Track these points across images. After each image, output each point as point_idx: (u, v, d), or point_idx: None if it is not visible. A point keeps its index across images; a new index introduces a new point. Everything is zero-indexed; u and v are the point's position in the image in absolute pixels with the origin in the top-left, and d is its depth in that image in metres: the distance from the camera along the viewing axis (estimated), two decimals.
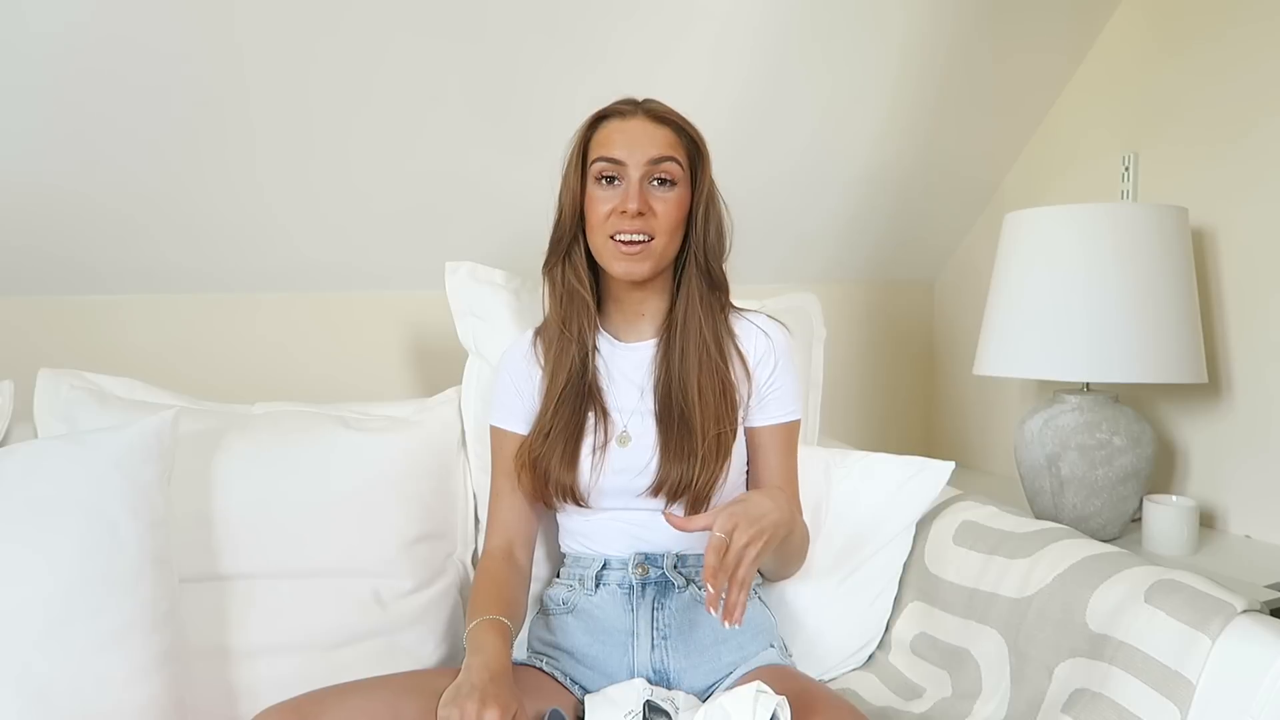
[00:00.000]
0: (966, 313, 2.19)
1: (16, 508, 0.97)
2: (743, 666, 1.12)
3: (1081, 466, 1.60)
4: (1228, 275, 1.71)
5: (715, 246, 1.18)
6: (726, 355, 1.18)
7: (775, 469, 1.21)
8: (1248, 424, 1.68)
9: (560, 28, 1.49)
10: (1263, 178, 1.64)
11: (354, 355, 1.66)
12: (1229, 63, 1.69)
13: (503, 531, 1.20)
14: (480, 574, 1.17)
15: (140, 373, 1.32)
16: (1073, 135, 1.98)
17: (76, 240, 1.40)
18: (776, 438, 1.21)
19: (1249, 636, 0.96)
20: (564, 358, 1.17)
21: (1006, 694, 1.15)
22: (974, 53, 1.86)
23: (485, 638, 1.03)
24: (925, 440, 2.35)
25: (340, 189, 1.52)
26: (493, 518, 1.23)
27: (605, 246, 1.13)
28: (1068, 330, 1.57)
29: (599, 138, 1.14)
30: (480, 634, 1.04)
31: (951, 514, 1.36)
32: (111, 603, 0.97)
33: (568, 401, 1.16)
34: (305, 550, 1.18)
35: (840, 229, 2.07)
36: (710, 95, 1.66)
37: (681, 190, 1.14)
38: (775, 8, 1.62)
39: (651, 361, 1.19)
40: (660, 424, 1.15)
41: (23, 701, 0.90)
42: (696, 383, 1.15)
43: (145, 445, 1.05)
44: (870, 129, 1.90)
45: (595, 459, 1.14)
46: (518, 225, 1.64)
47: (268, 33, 1.31)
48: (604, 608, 1.15)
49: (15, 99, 1.23)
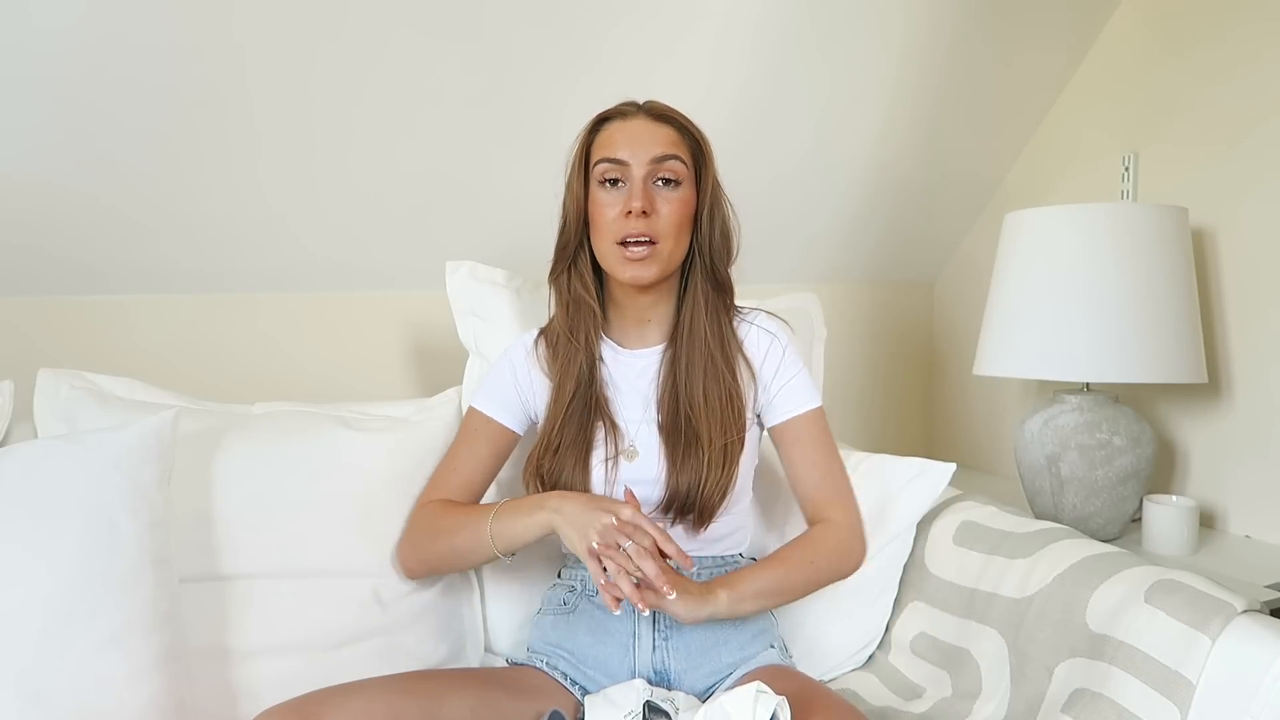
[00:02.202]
0: (966, 313, 2.19)
1: (16, 508, 0.97)
2: (743, 667, 1.12)
3: (1081, 466, 1.60)
4: (1228, 275, 1.71)
5: (721, 248, 1.16)
6: (732, 362, 1.17)
7: (812, 461, 1.18)
8: (1248, 424, 1.68)
9: (559, 27, 1.49)
10: (1263, 178, 1.64)
11: (354, 355, 1.66)
12: (1229, 63, 1.69)
13: (444, 494, 1.21)
14: (437, 507, 1.18)
15: (140, 373, 1.32)
16: (1073, 135, 1.98)
17: (77, 239, 1.40)
18: (802, 429, 1.18)
19: (1249, 636, 0.96)
20: (571, 366, 1.17)
21: (1006, 694, 1.15)
22: (974, 53, 1.86)
23: (519, 502, 1.10)
24: (925, 440, 2.35)
25: (341, 187, 1.52)
26: (439, 482, 1.22)
27: (611, 252, 1.12)
28: (1068, 330, 1.57)
29: (601, 140, 1.14)
30: (511, 505, 1.10)
31: (951, 514, 1.36)
32: (111, 603, 0.97)
33: (575, 414, 1.15)
34: (305, 550, 1.18)
35: (840, 229, 2.07)
36: (710, 96, 1.66)
37: (686, 190, 1.13)
38: (775, 8, 1.62)
39: (656, 370, 1.18)
40: (667, 435, 1.14)
41: (22, 702, 0.90)
42: (702, 391, 1.14)
43: (145, 445, 1.05)
44: (870, 129, 1.90)
45: (607, 473, 1.14)
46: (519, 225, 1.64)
47: (268, 30, 1.31)
48: (605, 608, 1.15)
49: (16, 96, 1.23)
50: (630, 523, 1.00)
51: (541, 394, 1.20)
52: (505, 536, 1.09)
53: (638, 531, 1.00)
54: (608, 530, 0.99)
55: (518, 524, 1.08)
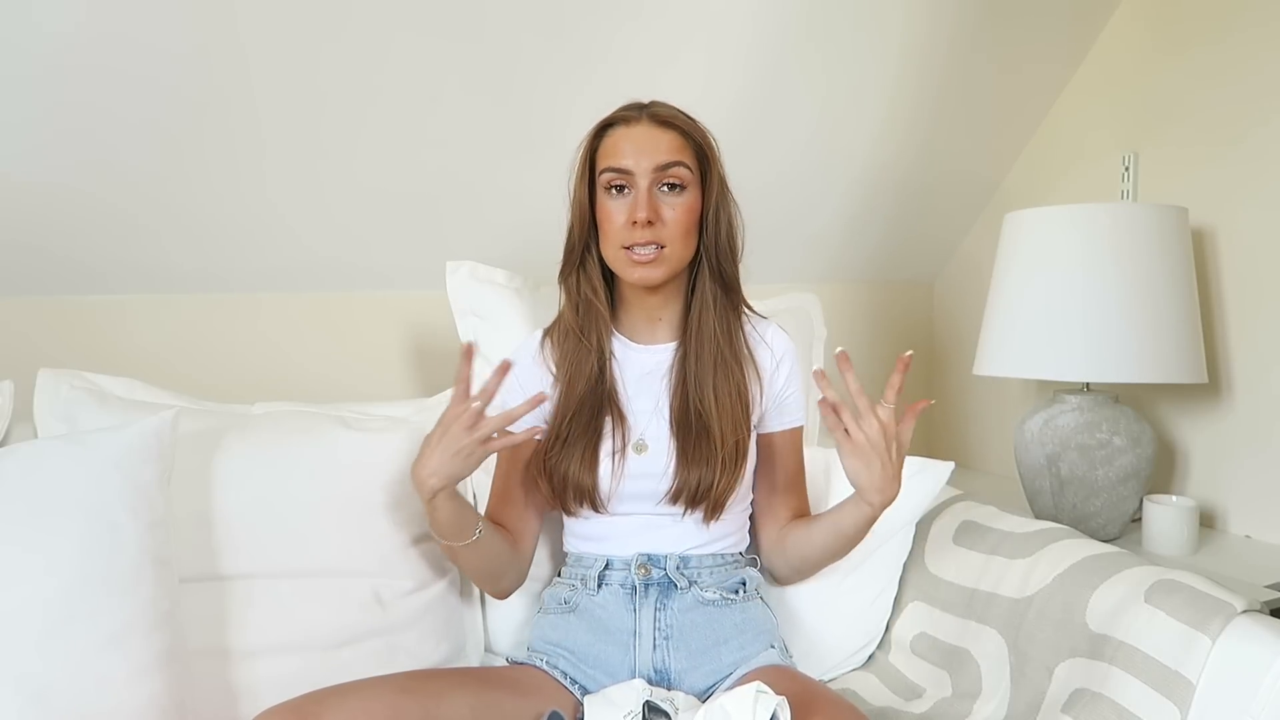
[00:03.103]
0: (966, 313, 2.19)
1: (16, 508, 0.97)
2: (743, 667, 1.12)
3: (1081, 466, 1.60)
4: (1228, 275, 1.71)
5: (728, 248, 1.17)
6: (741, 360, 1.18)
7: (791, 472, 1.24)
8: (1248, 424, 1.68)
9: (563, 29, 1.49)
10: (1263, 178, 1.64)
11: (354, 355, 1.66)
12: (1229, 63, 1.69)
13: (489, 513, 1.22)
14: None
15: (140, 373, 1.32)
16: (1073, 135, 1.98)
17: (77, 239, 1.40)
18: (789, 442, 1.24)
19: (1249, 636, 0.96)
20: (582, 365, 1.17)
21: (1006, 694, 1.15)
22: (974, 52, 1.86)
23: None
24: (925, 440, 2.35)
25: (345, 186, 1.52)
26: (488, 504, 1.23)
27: (619, 257, 1.13)
28: (1067, 330, 1.57)
29: (605, 147, 1.14)
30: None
31: (951, 514, 1.36)
32: (111, 603, 0.97)
33: (585, 408, 1.16)
34: (305, 550, 1.18)
35: (840, 229, 2.07)
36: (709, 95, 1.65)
37: (691, 194, 1.13)
38: (774, 8, 1.62)
39: (668, 366, 1.19)
40: (678, 430, 1.15)
41: (22, 701, 0.90)
42: (713, 388, 1.15)
43: (145, 445, 1.05)
44: (870, 129, 1.90)
45: (615, 466, 1.14)
46: (523, 225, 1.64)
47: (271, 29, 1.31)
48: (606, 607, 1.15)
49: (16, 96, 1.22)
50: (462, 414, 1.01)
51: (551, 393, 1.20)
52: (439, 532, 1.11)
53: (469, 414, 1.01)
54: (459, 439, 1.01)
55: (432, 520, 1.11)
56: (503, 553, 1.18)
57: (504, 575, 1.21)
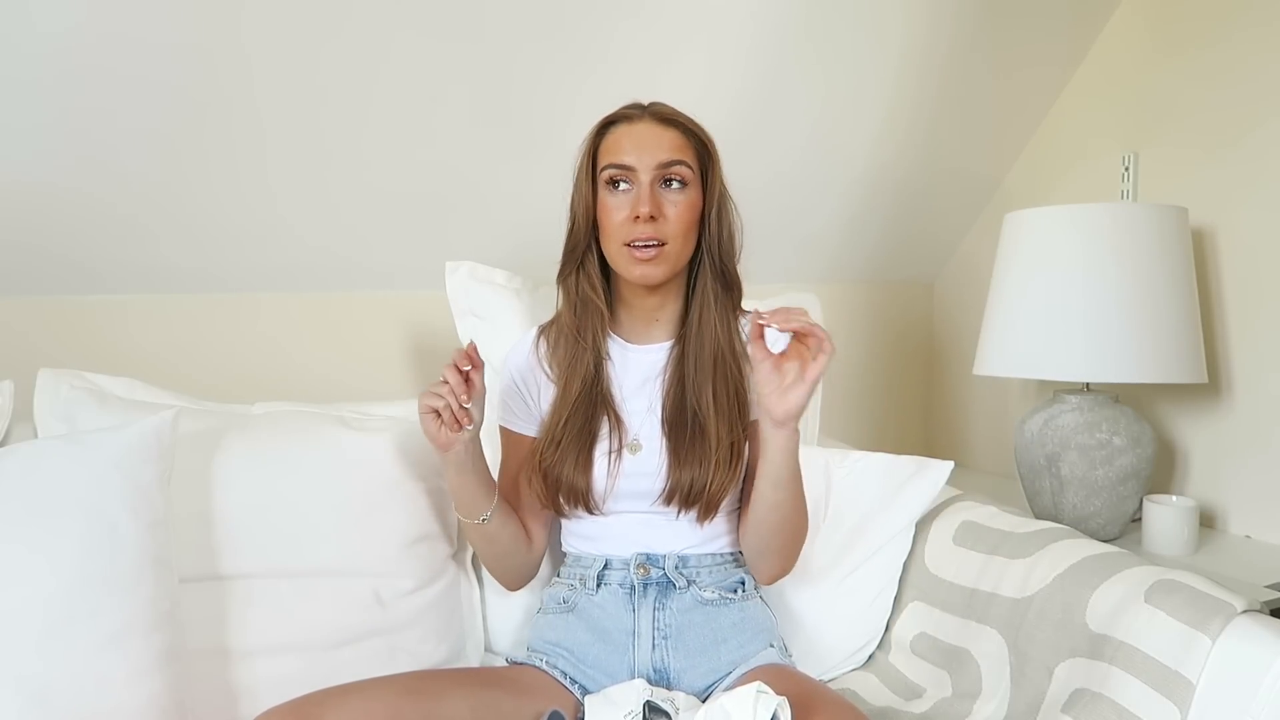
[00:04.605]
0: (966, 313, 2.19)
1: (16, 508, 0.97)
2: (743, 666, 1.12)
3: (1081, 466, 1.60)
4: (1228, 275, 1.71)
5: (728, 247, 1.17)
6: (740, 360, 1.18)
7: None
8: (1248, 424, 1.68)
9: (563, 30, 1.49)
10: (1263, 178, 1.64)
11: (354, 355, 1.66)
12: (1229, 63, 1.69)
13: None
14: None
15: (140, 373, 1.32)
16: (1073, 135, 1.98)
17: (77, 239, 1.40)
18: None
19: (1249, 636, 0.96)
20: (578, 365, 1.17)
21: (1006, 694, 1.15)
22: (973, 53, 1.86)
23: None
24: (925, 440, 2.35)
25: (347, 186, 1.52)
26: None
27: (620, 253, 1.13)
28: (1067, 330, 1.57)
29: (607, 144, 1.14)
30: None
31: (951, 514, 1.36)
32: (111, 603, 0.97)
33: (581, 409, 1.16)
34: (305, 550, 1.18)
35: (840, 229, 2.07)
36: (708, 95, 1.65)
37: (692, 192, 1.14)
38: (774, 8, 1.62)
39: (663, 365, 1.19)
40: (671, 429, 1.15)
41: (22, 701, 0.90)
42: (710, 388, 1.15)
43: (145, 445, 1.05)
44: (870, 129, 1.90)
45: (610, 466, 1.14)
46: (524, 225, 1.64)
47: (271, 29, 1.31)
48: (605, 607, 1.15)
49: (15, 95, 1.22)
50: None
51: (546, 391, 1.21)
52: (460, 508, 1.15)
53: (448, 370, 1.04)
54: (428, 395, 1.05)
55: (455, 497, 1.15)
56: (512, 541, 1.19)
57: (512, 565, 1.22)
